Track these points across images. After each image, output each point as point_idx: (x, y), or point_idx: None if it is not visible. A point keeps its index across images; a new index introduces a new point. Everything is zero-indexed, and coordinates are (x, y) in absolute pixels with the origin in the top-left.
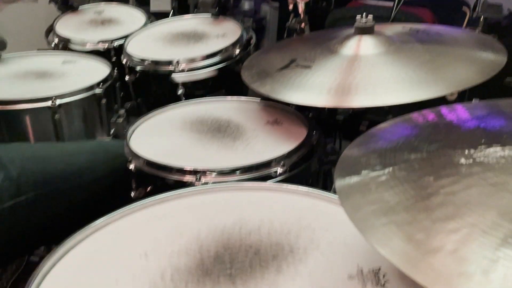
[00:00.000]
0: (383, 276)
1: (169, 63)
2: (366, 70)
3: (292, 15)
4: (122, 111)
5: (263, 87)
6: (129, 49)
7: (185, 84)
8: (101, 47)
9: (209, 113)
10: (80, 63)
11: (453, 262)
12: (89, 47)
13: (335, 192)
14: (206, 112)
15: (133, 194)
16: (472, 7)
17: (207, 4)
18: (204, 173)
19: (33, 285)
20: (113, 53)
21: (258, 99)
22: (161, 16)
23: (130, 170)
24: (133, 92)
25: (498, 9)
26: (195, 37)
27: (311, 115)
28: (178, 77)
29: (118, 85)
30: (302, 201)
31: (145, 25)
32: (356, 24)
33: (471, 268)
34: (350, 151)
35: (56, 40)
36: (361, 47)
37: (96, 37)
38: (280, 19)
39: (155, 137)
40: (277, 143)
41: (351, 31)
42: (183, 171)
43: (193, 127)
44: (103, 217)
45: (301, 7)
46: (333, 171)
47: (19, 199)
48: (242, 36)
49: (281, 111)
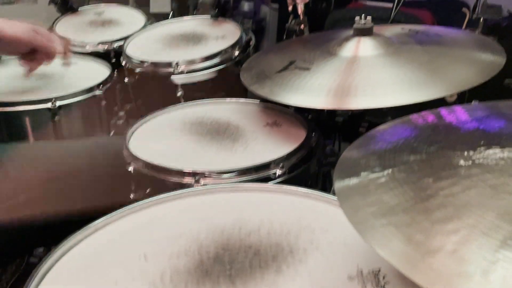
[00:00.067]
0: (383, 277)
1: (169, 64)
2: (365, 71)
3: (291, 17)
4: (121, 113)
5: (262, 89)
6: (129, 50)
7: (184, 85)
8: (101, 48)
9: (208, 114)
10: (80, 64)
11: (453, 262)
12: (89, 49)
13: (334, 193)
14: (205, 113)
15: (132, 196)
16: (471, 8)
17: (207, 5)
18: (203, 175)
19: (32, 286)
20: (112, 55)
21: (257, 101)
22: (160, 17)
23: (129, 172)
24: (133, 94)
25: (497, 10)
26: (194, 38)
27: (310, 117)
28: (177, 79)
29: (118, 87)
30: (301, 202)
31: (145, 26)
32: (355, 25)
33: (471, 268)
34: (349, 152)
35: None
36: (360, 49)
37: (96, 38)
38: (279, 21)
39: (154, 139)
40: (276, 145)
41: (350, 32)
42: (182, 173)
43: (192, 128)
44: (102, 217)
45: (301, 9)
46: (332, 172)
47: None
48: (241, 37)
49: (280, 113)
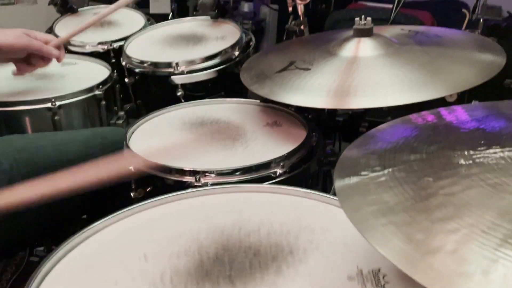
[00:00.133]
0: (383, 277)
1: (169, 65)
2: (365, 72)
3: (291, 17)
4: (121, 113)
5: (262, 89)
6: (129, 51)
7: (184, 86)
8: (101, 49)
9: (209, 114)
10: (79, 64)
11: (453, 262)
12: (88, 49)
13: (335, 193)
14: (205, 113)
15: (133, 194)
16: (471, 9)
17: (207, 6)
18: (203, 173)
19: (33, 286)
20: (112, 55)
21: (257, 101)
22: (160, 18)
23: (129, 170)
24: (133, 94)
25: (497, 11)
26: (194, 39)
27: (310, 116)
28: (177, 79)
29: (117, 87)
30: (301, 202)
31: (145, 27)
32: (355, 26)
33: (471, 268)
34: (349, 152)
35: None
36: (360, 49)
37: (95, 39)
38: (279, 21)
39: (154, 138)
40: (276, 145)
41: (350, 33)
42: (182, 172)
43: (192, 128)
44: (102, 218)
45: (301, 9)
46: (332, 172)
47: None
48: (241, 38)
49: (280, 112)
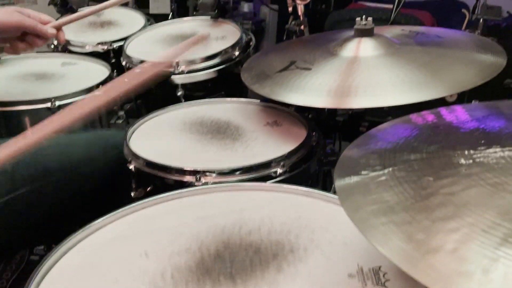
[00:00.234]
0: (384, 275)
1: (169, 64)
2: (365, 72)
3: (291, 17)
4: (121, 113)
5: (263, 88)
6: (129, 51)
7: (184, 85)
8: (101, 49)
9: (209, 114)
10: (79, 64)
11: (453, 261)
12: (88, 49)
13: (335, 192)
14: (205, 113)
15: (133, 194)
16: (471, 9)
17: (207, 6)
18: (204, 173)
19: (33, 284)
20: (112, 55)
21: (257, 101)
22: (160, 18)
23: (130, 170)
24: (133, 93)
25: (497, 11)
26: None
27: (310, 116)
28: (177, 79)
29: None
30: (302, 200)
31: (145, 27)
32: (355, 26)
33: (471, 267)
34: (349, 151)
35: (55, 42)
36: (360, 49)
37: (95, 39)
38: (279, 21)
39: (155, 138)
40: (276, 144)
41: (351, 33)
42: (183, 171)
43: (192, 128)
44: (103, 216)
45: (301, 9)
46: (332, 172)
47: (15, 194)
48: (241, 38)
49: (280, 112)
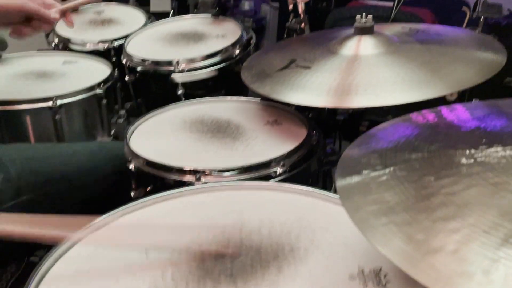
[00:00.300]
0: (384, 276)
1: (169, 63)
2: (366, 70)
3: (292, 15)
4: (122, 112)
5: (263, 87)
6: (129, 49)
7: (185, 84)
8: (101, 47)
9: (209, 113)
10: (80, 63)
11: (454, 262)
12: (89, 47)
13: (336, 192)
14: (206, 112)
15: (133, 194)
16: (472, 7)
17: (207, 4)
18: (204, 173)
19: (33, 284)
20: (113, 53)
21: (258, 99)
22: (161, 16)
23: (130, 170)
24: (133, 92)
25: (498, 9)
26: (195, 37)
27: (311, 115)
28: (178, 77)
29: (118, 85)
30: (302, 200)
31: (145, 25)
32: (355, 24)
33: (472, 268)
34: (350, 151)
35: (56, 40)
36: (360, 47)
37: (96, 37)
38: (280, 19)
39: (155, 137)
40: (277, 143)
41: (351, 31)
42: (183, 171)
43: (193, 127)
44: (103, 216)
45: (301, 7)
46: (333, 171)
47: (19, 200)
48: (242, 36)
49: (281, 111)
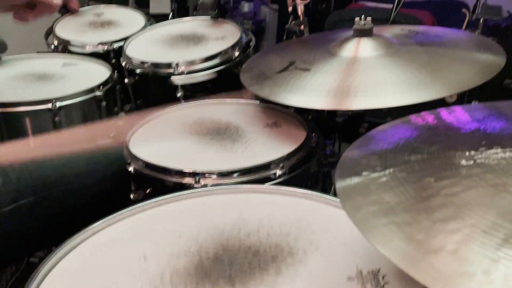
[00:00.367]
0: (383, 277)
1: (169, 65)
2: (365, 72)
3: (291, 17)
4: (122, 114)
5: (262, 89)
6: (129, 51)
7: (184, 86)
8: (101, 49)
9: (208, 115)
10: (80, 65)
11: (454, 262)
12: (88, 49)
13: (335, 194)
14: (205, 114)
15: (132, 196)
16: (471, 9)
17: (207, 6)
18: (203, 175)
19: (33, 286)
20: (112, 55)
21: (257, 102)
22: (160, 18)
23: (129, 172)
24: (133, 94)
25: (497, 11)
26: (194, 39)
27: (310, 117)
28: (177, 80)
29: (118, 87)
30: (301, 203)
31: (145, 27)
32: (355, 26)
33: (472, 268)
34: (350, 152)
35: (55, 42)
36: (360, 49)
37: (95, 39)
38: (279, 21)
39: (154, 139)
40: (276, 145)
41: (350, 33)
42: (182, 173)
43: (192, 129)
44: (102, 219)
45: (301, 9)
46: (332, 173)
47: (19, 203)
48: (241, 38)
49: (280, 113)
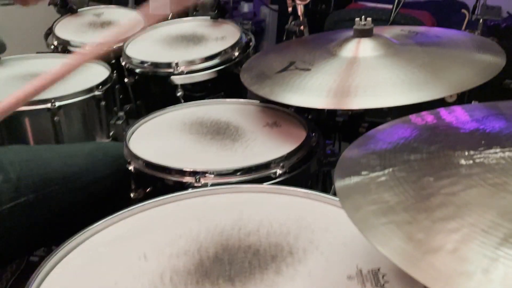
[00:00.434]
0: (383, 276)
1: (169, 65)
2: (365, 72)
3: (291, 18)
4: (121, 113)
5: (262, 89)
6: (129, 51)
7: (184, 86)
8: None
9: (208, 115)
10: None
11: (454, 261)
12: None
13: (335, 193)
14: (205, 114)
15: (132, 195)
16: (471, 9)
17: (206, 6)
18: (203, 174)
19: (33, 286)
20: (112, 55)
21: (257, 101)
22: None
23: (129, 171)
24: (133, 94)
25: (497, 11)
26: (194, 39)
27: (310, 117)
28: (177, 79)
29: (117, 87)
30: (301, 202)
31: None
32: (355, 26)
33: (472, 267)
34: (349, 152)
35: (55, 42)
36: (360, 50)
37: (95, 39)
38: (279, 22)
39: (154, 138)
40: (276, 145)
41: (350, 33)
42: (182, 172)
43: (192, 129)
44: (103, 219)
45: (301, 10)
46: (332, 172)
47: (19, 201)
48: (241, 38)
49: (280, 113)
